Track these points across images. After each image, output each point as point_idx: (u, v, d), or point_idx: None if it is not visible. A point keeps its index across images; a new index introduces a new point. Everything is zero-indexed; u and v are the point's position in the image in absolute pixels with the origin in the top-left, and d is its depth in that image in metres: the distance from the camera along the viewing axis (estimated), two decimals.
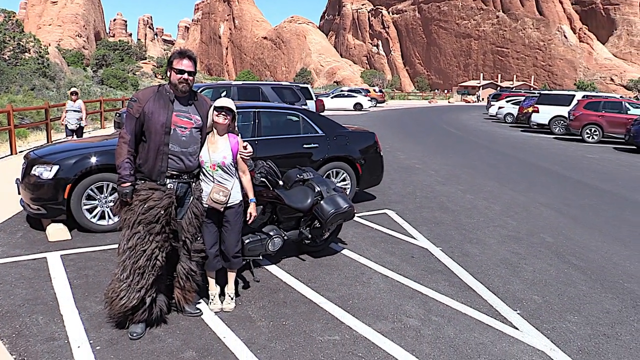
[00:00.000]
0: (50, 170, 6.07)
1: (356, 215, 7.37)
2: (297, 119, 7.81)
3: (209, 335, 3.96)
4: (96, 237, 6.18)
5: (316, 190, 5.45)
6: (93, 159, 6.20)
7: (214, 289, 4.46)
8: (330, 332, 4.09)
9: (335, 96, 40.69)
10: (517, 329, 4.29)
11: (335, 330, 4.11)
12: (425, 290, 5.01)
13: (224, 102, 4.08)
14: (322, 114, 10.11)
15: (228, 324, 4.14)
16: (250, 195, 4.26)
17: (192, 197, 4.07)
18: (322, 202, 5.41)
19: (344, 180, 7.98)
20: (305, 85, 18.45)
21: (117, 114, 15.06)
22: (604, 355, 3.93)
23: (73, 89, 12.79)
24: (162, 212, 3.83)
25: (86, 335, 3.87)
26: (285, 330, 4.08)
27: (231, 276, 4.47)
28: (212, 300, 4.41)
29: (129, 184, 3.81)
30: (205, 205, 4.13)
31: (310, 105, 16.78)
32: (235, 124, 4.25)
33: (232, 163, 4.14)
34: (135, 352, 3.66)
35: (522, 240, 6.76)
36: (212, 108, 4.09)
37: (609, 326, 4.41)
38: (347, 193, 7.90)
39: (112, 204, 6.31)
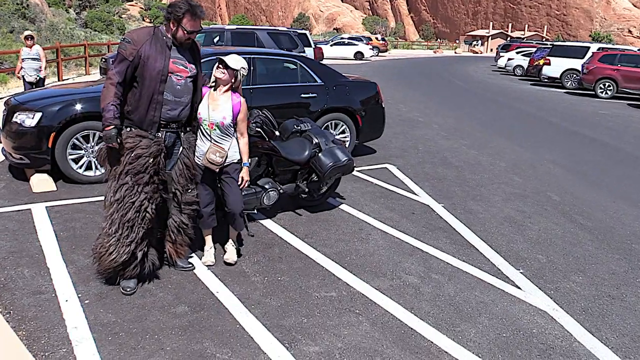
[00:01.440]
0: (32, 118, 6.00)
1: (355, 169, 7.37)
2: (294, 66, 7.69)
3: (202, 290, 4.01)
4: (83, 188, 6.18)
5: (314, 142, 5.42)
6: (78, 106, 6.12)
7: (210, 244, 4.48)
8: (326, 288, 4.14)
9: (335, 44, 40.07)
10: (519, 288, 4.36)
11: (331, 287, 4.17)
12: (425, 247, 5.06)
13: (229, 58, 3.99)
14: (321, 62, 9.96)
15: (221, 278, 4.19)
16: (245, 159, 4.21)
17: (181, 148, 4.02)
18: (320, 154, 5.39)
19: (343, 132, 7.94)
20: (303, 32, 18.13)
21: (103, 60, 14.82)
22: (607, 316, 4.01)
23: (27, 33, 10.80)
24: (151, 161, 3.77)
25: (74, 288, 3.91)
26: (280, 286, 4.13)
27: (233, 232, 4.49)
28: (206, 254, 4.44)
29: (113, 126, 3.66)
30: (200, 164, 4.11)
31: (309, 53, 16.53)
32: (240, 83, 4.15)
33: (232, 124, 4.08)
34: (125, 307, 3.71)
35: (528, 198, 6.79)
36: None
37: (615, 287, 4.48)
38: (347, 146, 7.87)
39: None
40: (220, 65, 4.00)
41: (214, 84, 4.13)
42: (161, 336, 3.39)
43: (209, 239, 4.48)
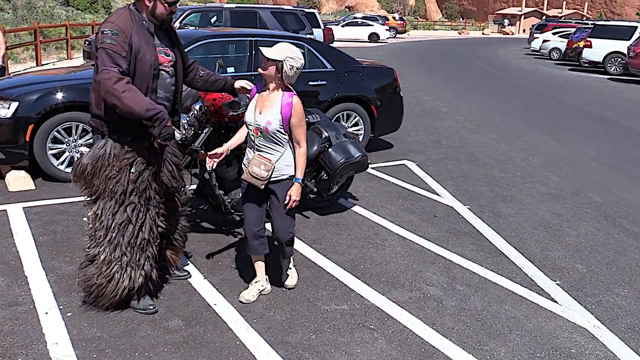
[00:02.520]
0: (8, 108, 6.04)
1: (370, 166, 7.37)
2: (301, 50, 7.69)
3: (198, 301, 4.03)
4: (64, 187, 6.22)
5: (323, 136, 5.43)
6: (59, 95, 6.16)
7: (260, 276, 4.19)
8: (337, 300, 4.15)
9: (347, 24, 40.03)
10: (555, 302, 4.34)
11: (343, 299, 4.17)
12: (449, 254, 5.06)
13: (268, 48, 3.75)
14: (331, 45, 9.96)
15: (219, 289, 4.21)
16: (299, 173, 3.86)
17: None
18: (330, 149, 5.39)
19: (356, 124, 7.94)
20: (311, 11, 18.14)
21: (87, 42, 14.91)
22: None
23: None
24: (151, 173, 3.72)
25: (55, 299, 3.94)
26: (285, 298, 4.15)
27: (285, 264, 4.30)
28: (250, 288, 4.15)
29: (169, 120, 3.47)
30: (243, 179, 3.91)
31: (318, 34, 16.55)
32: (289, 79, 3.76)
33: (281, 130, 3.75)
34: (112, 320, 3.73)
35: (566, 200, 6.77)
36: None
37: None
38: (360, 140, 7.87)
39: (84, 148, 6.32)
40: (264, 58, 3.74)
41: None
42: (152, 353, 3.41)
43: (259, 269, 4.18)
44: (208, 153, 3.94)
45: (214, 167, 4.02)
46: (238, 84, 4.21)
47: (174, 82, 3.80)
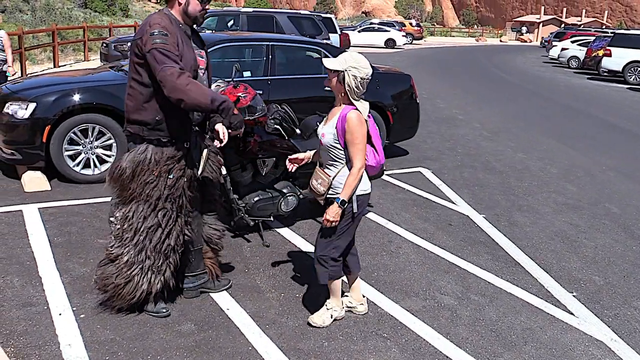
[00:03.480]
0: (25, 109, 6.11)
1: (385, 173, 7.36)
2: (318, 55, 7.71)
3: (210, 306, 4.04)
4: (80, 188, 6.27)
5: None
6: (77, 97, 6.22)
7: (360, 294, 4.07)
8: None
9: (364, 30, 40.07)
10: (572, 314, 4.31)
11: None
12: (463, 264, 5.03)
13: (335, 58, 3.58)
14: (346, 50, 9.97)
15: (232, 294, 4.22)
16: (342, 194, 3.50)
17: (203, 149, 3.80)
18: None
19: None
20: (328, 16, 18.18)
21: (104, 44, 15.04)
22: None
23: None
24: (187, 180, 3.71)
25: (68, 301, 3.97)
26: (298, 304, 4.14)
27: (336, 290, 3.89)
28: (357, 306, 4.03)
29: (234, 108, 3.45)
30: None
31: (334, 39, 16.57)
32: (347, 89, 3.51)
33: (337, 145, 3.55)
34: (125, 323, 3.75)
35: (583, 210, 6.71)
36: None
37: None
38: None
39: (100, 150, 6.37)
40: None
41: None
42: (164, 357, 3.43)
43: (356, 287, 4.03)
44: (289, 157, 3.94)
45: (292, 170, 3.99)
46: (217, 126, 3.94)
47: (207, 84, 3.87)
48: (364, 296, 4.13)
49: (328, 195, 3.63)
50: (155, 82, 3.44)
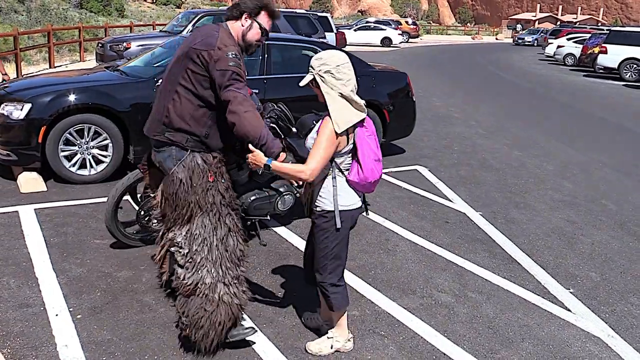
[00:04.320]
0: (21, 109, 6.10)
1: (382, 171, 7.36)
2: (314, 54, 7.70)
3: None
4: (75, 188, 6.26)
5: None
6: (72, 97, 6.20)
7: (337, 332, 3.61)
8: (348, 306, 4.13)
9: (360, 28, 40.07)
10: (569, 310, 4.31)
11: (354, 305, 4.16)
12: (460, 261, 5.04)
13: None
14: (343, 49, 9.97)
15: None
16: (273, 165, 3.21)
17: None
18: None
19: None
20: (324, 15, 18.17)
21: (99, 45, 15.00)
22: None
23: None
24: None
25: (65, 301, 3.96)
26: (295, 303, 4.14)
27: (335, 316, 3.57)
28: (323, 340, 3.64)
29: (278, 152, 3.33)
30: None
31: (330, 38, 16.57)
32: (321, 91, 3.28)
33: None
34: (122, 323, 3.75)
35: (580, 207, 6.72)
36: None
37: None
38: None
39: (96, 150, 6.36)
40: None
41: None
42: (161, 357, 3.42)
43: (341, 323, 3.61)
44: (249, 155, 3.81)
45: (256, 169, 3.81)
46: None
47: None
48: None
49: (312, 207, 3.38)
50: (211, 98, 3.35)
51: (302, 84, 3.34)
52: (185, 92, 3.37)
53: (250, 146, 3.26)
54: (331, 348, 3.55)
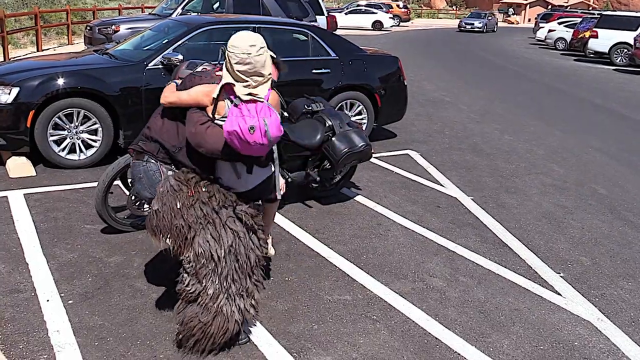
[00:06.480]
0: (8, 93, 6.02)
1: (373, 155, 7.35)
2: (305, 37, 7.65)
3: None
4: (65, 173, 6.21)
5: (327, 125, 5.41)
6: (61, 81, 6.13)
7: None
8: (340, 290, 4.15)
9: (351, 12, 39.85)
10: (559, 294, 4.35)
11: (346, 289, 4.18)
12: (452, 245, 5.05)
13: None
14: (334, 32, 9.92)
15: None
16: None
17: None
18: (333, 138, 5.37)
19: (359, 113, 7.90)
20: None
21: (88, 27, 14.83)
22: None
23: None
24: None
25: (56, 287, 3.94)
26: (288, 288, 4.15)
27: None
28: None
29: None
30: None
31: (321, 21, 16.44)
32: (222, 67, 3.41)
33: None
34: (113, 308, 3.74)
35: (570, 191, 6.75)
36: None
37: None
38: (364, 129, 7.84)
39: (85, 135, 6.30)
40: None
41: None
42: (154, 342, 3.42)
43: None
44: None
45: None
46: None
47: None
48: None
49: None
50: None
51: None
52: None
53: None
54: None
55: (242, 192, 3.43)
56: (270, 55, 3.54)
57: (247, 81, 3.25)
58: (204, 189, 3.32)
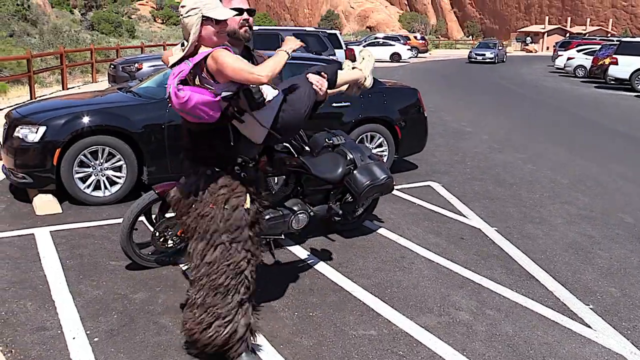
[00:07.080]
0: (36, 132, 6.16)
1: (395, 188, 7.34)
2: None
3: None
4: (90, 210, 6.29)
5: (348, 158, 5.42)
6: (86, 119, 6.26)
7: None
8: (365, 325, 4.12)
9: (369, 44, 40.30)
10: (589, 327, 4.25)
11: (371, 324, 4.14)
12: (477, 278, 4.99)
13: None
14: None
15: None
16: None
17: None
18: (355, 172, 5.37)
19: (380, 146, 7.93)
20: (333, 32, 18.26)
21: (112, 66, 15.16)
22: None
23: None
24: (249, 210, 3.47)
25: (82, 324, 3.96)
26: (312, 323, 4.12)
27: None
28: None
29: None
30: None
31: (339, 55, 16.63)
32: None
33: None
34: (138, 345, 3.74)
35: (596, 220, 6.66)
36: None
37: None
38: (385, 161, 7.85)
39: (110, 172, 6.39)
40: None
41: None
42: None
43: None
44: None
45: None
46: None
47: None
48: None
49: None
50: None
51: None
52: None
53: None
54: None
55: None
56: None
57: (184, 44, 3.24)
58: (226, 207, 3.39)
